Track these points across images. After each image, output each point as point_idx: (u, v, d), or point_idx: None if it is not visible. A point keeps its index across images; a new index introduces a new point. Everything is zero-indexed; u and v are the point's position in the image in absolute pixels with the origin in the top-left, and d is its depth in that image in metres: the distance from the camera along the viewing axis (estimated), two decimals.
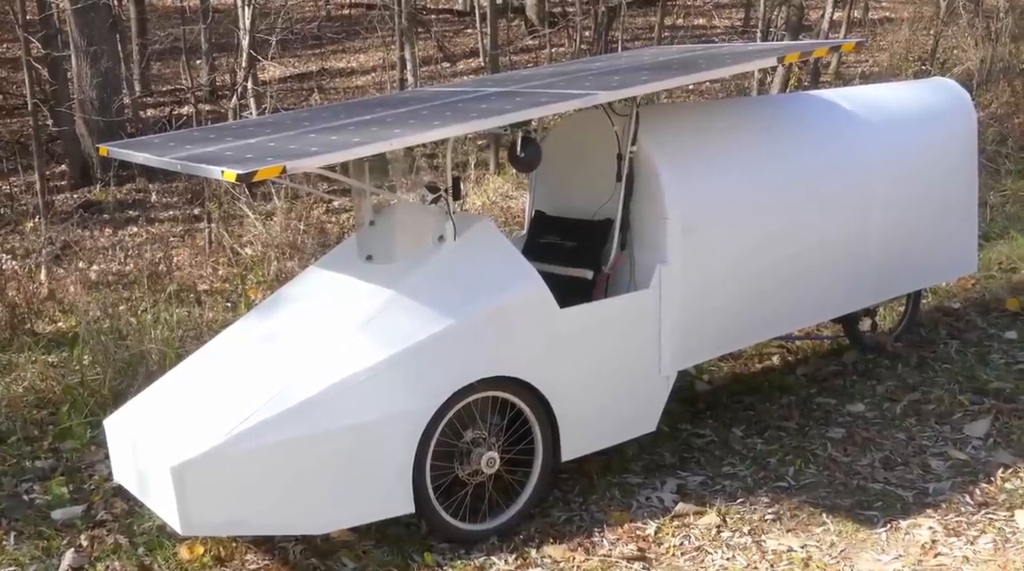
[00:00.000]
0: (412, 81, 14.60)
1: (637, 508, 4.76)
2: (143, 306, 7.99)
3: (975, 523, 4.47)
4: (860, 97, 5.87)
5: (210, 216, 10.63)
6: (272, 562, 4.40)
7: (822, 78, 15.51)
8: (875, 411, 5.60)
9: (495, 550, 4.45)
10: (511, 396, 4.54)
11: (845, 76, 15.90)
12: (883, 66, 16.12)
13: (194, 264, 10.12)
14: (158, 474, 4.01)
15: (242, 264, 9.60)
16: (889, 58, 16.29)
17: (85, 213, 12.26)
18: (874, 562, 4.24)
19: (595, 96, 4.40)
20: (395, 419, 4.21)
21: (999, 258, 7.71)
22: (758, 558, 4.31)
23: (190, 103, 16.02)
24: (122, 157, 4.61)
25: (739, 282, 5.13)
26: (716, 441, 5.39)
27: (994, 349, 6.26)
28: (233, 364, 4.49)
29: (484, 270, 4.51)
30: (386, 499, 4.27)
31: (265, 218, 10.57)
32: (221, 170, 3.72)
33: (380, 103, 5.18)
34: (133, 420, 4.42)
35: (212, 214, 10.70)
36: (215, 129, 5.10)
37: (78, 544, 4.60)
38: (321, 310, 4.59)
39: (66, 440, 5.67)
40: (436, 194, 4.48)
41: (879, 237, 5.69)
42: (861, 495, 4.78)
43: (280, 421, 4.01)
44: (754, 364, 6.39)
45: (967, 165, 6.16)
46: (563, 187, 5.42)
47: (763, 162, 5.26)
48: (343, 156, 3.87)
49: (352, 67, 19.81)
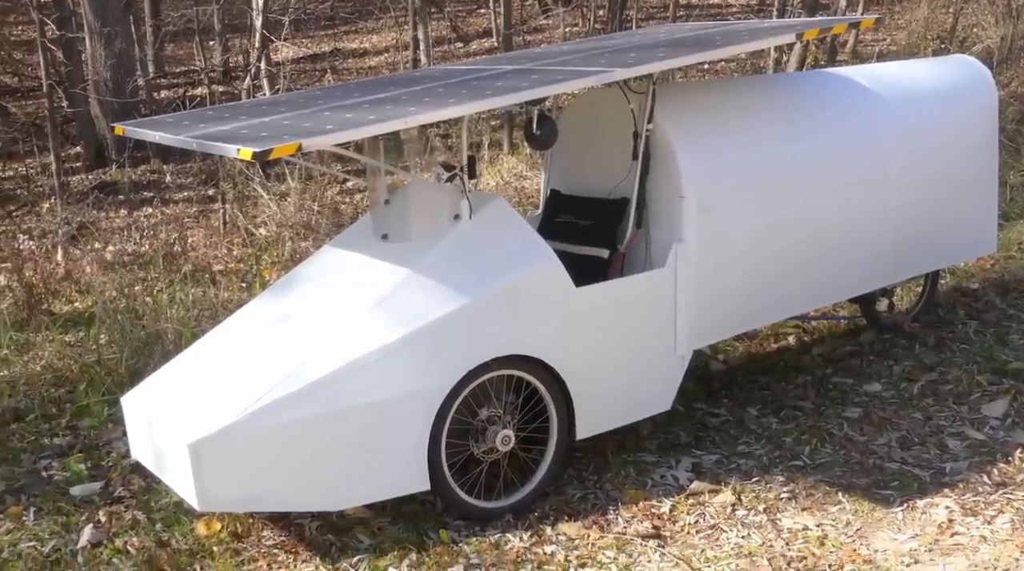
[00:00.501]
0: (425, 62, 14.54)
1: (652, 486, 4.76)
2: (158, 286, 8.02)
3: (992, 503, 4.45)
4: (878, 75, 5.82)
5: (224, 197, 10.64)
6: (288, 538, 4.41)
7: (839, 57, 15.42)
8: (892, 391, 5.58)
9: (510, 527, 4.45)
10: (526, 375, 4.54)
11: (862, 55, 15.80)
12: (901, 44, 16.02)
13: (209, 245, 10.14)
14: (175, 451, 4.03)
15: (256, 245, 9.62)
16: (907, 36, 16.19)
17: (100, 194, 12.29)
18: (890, 541, 4.23)
19: (611, 73, 4.38)
20: (410, 397, 4.21)
21: (1019, 238, 7.65)
22: (773, 536, 4.31)
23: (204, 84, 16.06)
24: (137, 136, 4.61)
25: (755, 261, 5.10)
26: (731, 420, 5.38)
27: (1013, 330, 6.22)
28: (249, 343, 4.50)
29: (499, 249, 4.50)
30: (401, 476, 4.28)
31: (279, 199, 10.57)
32: (237, 148, 3.72)
33: (393, 82, 5.16)
34: (150, 398, 4.44)
35: (226, 195, 10.71)
36: (229, 108, 5.10)
37: (96, 520, 4.63)
38: (336, 289, 4.59)
39: (84, 418, 5.70)
40: (452, 173, 4.47)
41: (896, 216, 5.65)
42: (877, 474, 4.76)
43: (295, 399, 4.02)
44: (770, 344, 6.36)
45: (987, 143, 6.10)
46: (578, 165, 5.40)
47: (780, 141, 5.22)
48: (358, 134, 3.86)
49: (365, 48, 19.77)
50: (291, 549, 4.34)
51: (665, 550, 4.25)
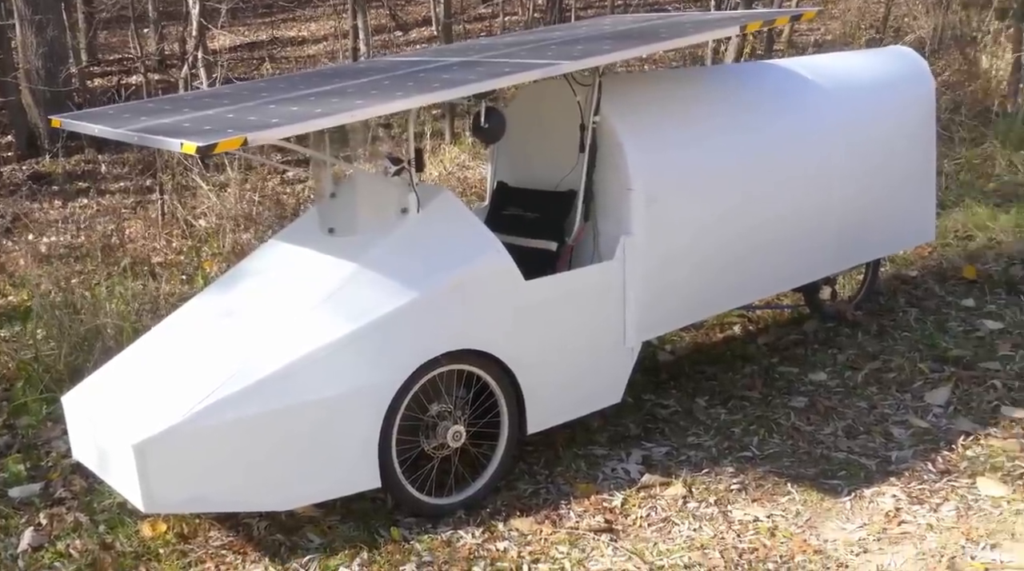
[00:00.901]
0: (364, 50, 14.39)
1: (603, 480, 4.76)
2: (96, 280, 7.86)
3: (938, 490, 4.51)
4: (820, 66, 5.86)
5: (162, 187, 10.46)
6: (236, 538, 4.35)
7: (775, 47, 15.54)
8: (837, 380, 5.63)
9: (462, 523, 4.42)
10: (476, 369, 4.50)
11: (798, 44, 15.93)
12: (836, 34, 16.18)
13: (147, 236, 9.96)
14: (119, 452, 3.94)
15: (196, 236, 9.46)
16: (842, 26, 16.35)
17: (34, 185, 12.03)
18: (839, 530, 4.27)
19: (558, 66, 4.35)
20: (359, 394, 4.16)
21: (955, 226, 7.76)
22: (725, 528, 4.33)
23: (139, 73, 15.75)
24: (76, 129, 4.49)
25: (703, 253, 5.11)
26: (680, 411, 5.39)
27: (952, 317, 6.31)
28: (193, 339, 4.42)
29: (448, 242, 4.46)
30: (351, 474, 4.23)
31: (219, 189, 10.41)
32: (180, 142, 3.64)
33: (338, 73, 5.09)
34: (92, 397, 4.33)
35: (164, 185, 10.53)
36: (171, 100, 4.99)
37: (37, 523, 4.53)
38: (282, 284, 4.52)
39: (21, 416, 5.57)
40: (399, 166, 4.42)
41: (839, 206, 5.70)
42: (825, 464, 4.80)
43: (241, 397, 3.95)
44: (715, 333, 6.40)
45: (926, 133, 6.17)
46: (525, 158, 5.37)
47: (726, 132, 5.23)
48: (304, 127, 3.79)
49: (303, 36, 19.55)
50: (239, 550, 4.27)
51: (618, 544, 4.25)
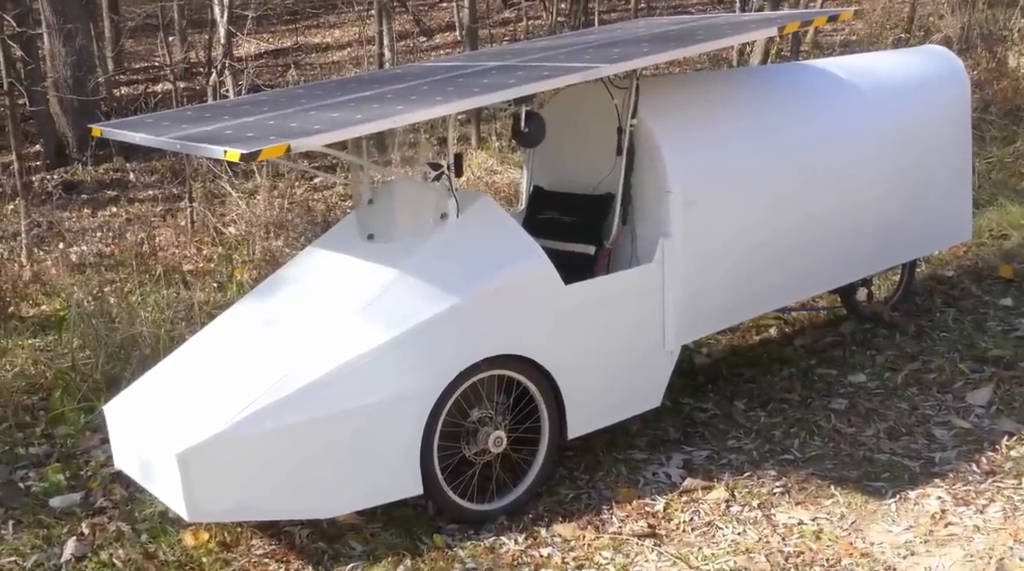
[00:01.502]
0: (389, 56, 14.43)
1: (644, 484, 4.73)
2: (129, 288, 7.89)
3: (983, 492, 4.47)
4: (854, 66, 5.82)
5: (192, 195, 10.50)
6: (279, 547, 4.34)
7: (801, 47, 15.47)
8: (876, 381, 5.59)
9: (505, 530, 4.41)
10: (517, 374, 4.49)
11: (823, 45, 15.86)
12: (861, 34, 16.09)
13: (177, 245, 10.00)
14: (162, 461, 3.95)
15: (226, 244, 9.49)
16: (866, 26, 16.27)
17: (64, 194, 12.10)
18: (885, 533, 4.24)
19: (598, 69, 4.33)
20: (400, 400, 4.15)
21: (989, 225, 7.70)
22: (769, 532, 4.30)
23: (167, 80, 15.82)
24: (118, 137, 4.50)
25: (740, 255, 5.09)
26: (719, 415, 5.36)
27: (990, 316, 6.26)
28: (234, 348, 4.42)
29: (487, 247, 4.45)
30: (393, 481, 4.22)
31: (248, 196, 10.45)
32: (224, 150, 3.64)
33: (375, 79, 5.09)
34: (134, 406, 4.34)
35: (194, 193, 10.57)
36: (210, 107, 5.00)
37: (79, 532, 4.53)
38: (322, 291, 4.52)
39: (59, 426, 5.58)
40: (439, 171, 4.41)
41: (875, 206, 5.66)
42: (868, 466, 4.77)
43: (284, 406, 3.95)
44: (751, 336, 6.36)
45: (961, 132, 6.13)
46: (561, 162, 5.36)
47: (762, 133, 5.20)
48: (348, 133, 3.79)
49: (328, 42, 19.60)
50: (282, 558, 4.27)
51: (662, 549, 4.23)
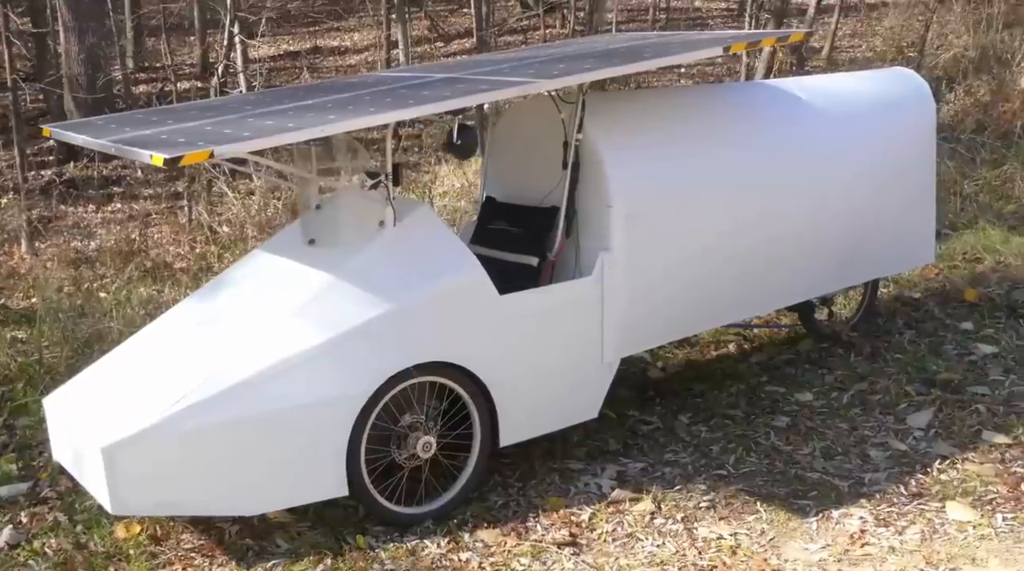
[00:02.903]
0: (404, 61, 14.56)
1: (575, 494, 4.80)
2: (116, 284, 8.04)
3: (906, 513, 4.50)
4: (816, 86, 5.86)
5: (190, 194, 10.67)
6: (207, 541, 4.44)
7: (813, 63, 15.46)
8: (822, 400, 5.62)
9: (429, 533, 4.49)
10: (448, 381, 4.57)
11: (837, 61, 15.85)
12: (878, 51, 16.06)
13: (173, 242, 10.17)
14: (90, 454, 4.06)
15: (219, 242, 9.64)
16: (883, 43, 16.24)
17: (70, 189, 12.30)
18: (801, 550, 4.28)
19: (534, 84, 4.41)
20: (328, 403, 4.24)
21: (964, 248, 7.68)
22: (687, 545, 4.35)
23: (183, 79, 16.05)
24: (63, 138, 4.63)
25: (685, 271, 5.13)
26: (661, 428, 5.41)
27: (948, 340, 6.26)
28: (170, 346, 4.53)
29: (423, 256, 4.53)
30: (319, 482, 4.31)
31: (244, 197, 10.61)
32: (150, 154, 3.75)
33: (325, 88, 5.19)
34: (71, 399, 4.46)
35: (193, 192, 10.74)
36: (161, 111, 5.12)
37: (18, 521, 4.65)
38: (260, 293, 4.62)
39: (20, 417, 5.71)
40: (376, 180, 4.50)
41: (832, 227, 5.68)
42: (797, 484, 4.81)
43: (211, 403, 4.05)
44: (710, 351, 6.40)
45: (925, 155, 6.13)
46: (513, 173, 5.43)
47: (710, 151, 5.24)
48: (271, 141, 3.88)
49: (346, 46, 19.76)
50: (208, 553, 4.37)
51: (580, 558, 4.29)
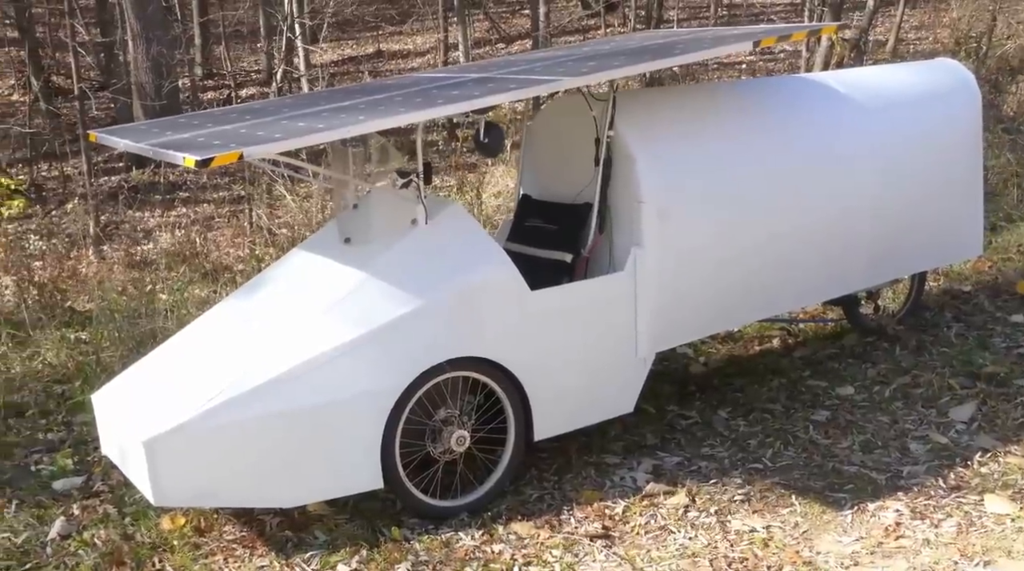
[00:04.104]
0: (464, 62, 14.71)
1: (610, 487, 4.84)
2: (177, 285, 8.26)
3: (943, 506, 4.46)
4: (856, 79, 5.82)
5: (250, 198, 10.90)
6: (248, 533, 4.56)
7: (879, 56, 15.29)
8: (864, 394, 5.58)
9: (463, 526, 4.56)
10: (482, 376, 4.63)
11: (901, 53, 15.66)
12: (944, 42, 15.82)
13: (233, 244, 10.40)
14: (133, 447, 4.20)
15: (278, 245, 9.83)
16: (951, 34, 15.99)
17: (136, 194, 12.64)
18: (835, 543, 4.27)
19: (559, 82, 4.45)
20: (362, 397, 4.34)
21: (1019, 241, 7.55)
22: (720, 538, 4.36)
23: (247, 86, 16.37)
24: (107, 143, 4.80)
25: (717, 265, 5.13)
26: (700, 422, 5.43)
27: (997, 333, 6.18)
28: (211, 342, 4.66)
29: (454, 252, 4.61)
30: (354, 475, 4.40)
31: (304, 199, 10.81)
32: (183, 156, 3.88)
33: (362, 90, 5.29)
34: (117, 394, 4.62)
35: (252, 196, 10.97)
36: (202, 115, 5.26)
37: (70, 513, 4.82)
38: (297, 290, 4.73)
39: (77, 414, 5.91)
40: (407, 178, 4.59)
41: (870, 220, 5.63)
42: (834, 477, 4.79)
43: (248, 398, 4.16)
44: (753, 346, 6.39)
45: (971, 146, 6.06)
46: (547, 171, 5.49)
47: (743, 145, 5.23)
48: (300, 142, 3.98)
49: (408, 49, 19.97)
50: (249, 544, 4.49)
51: (611, 550, 4.33)
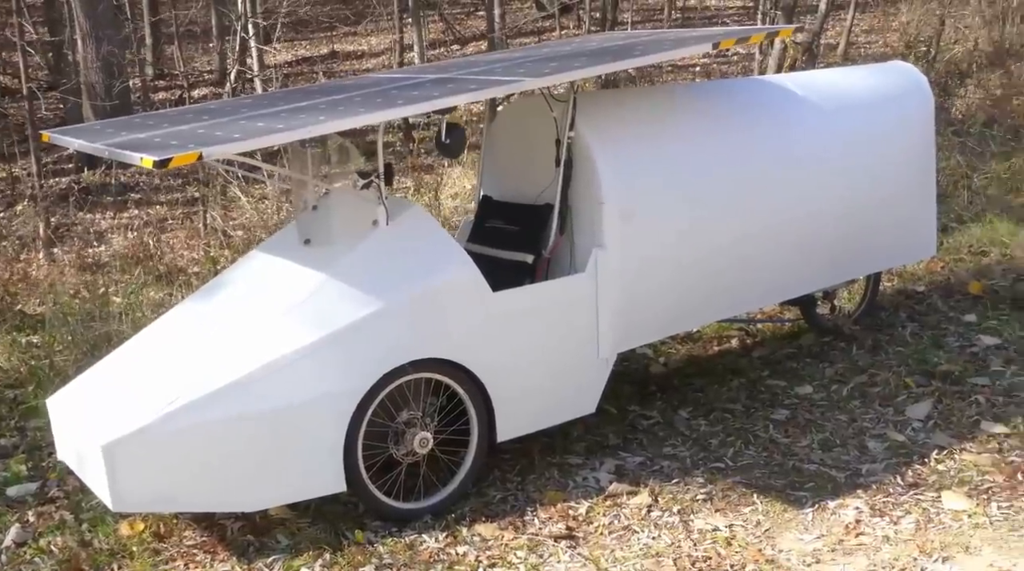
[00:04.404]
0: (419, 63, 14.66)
1: (573, 488, 4.84)
2: (130, 288, 8.15)
3: (901, 503, 4.52)
4: (812, 81, 5.87)
5: (204, 199, 10.79)
6: (209, 538, 4.51)
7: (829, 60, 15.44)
8: (822, 393, 5.64)
9: (427, 528, 4.54)
10: (444, 378, 4.62)
11: (852, 57, 15.82)
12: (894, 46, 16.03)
13: (188, 246, 10.29)
14: (91, 452, 4.13)
15: (232, 246, 9.73)
16: (900, 38, 16.20)
17: (87, 196, 12.45)
18: (796, 541, 4.30)
19: (521, 83, 4.45)
20: (323, 400, 4.30)
21: (970, 241, 7.67)
22: (683, 537, 4.38)
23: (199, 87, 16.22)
24: (60, 143, 4.73)
25: (678, 266, 5.16)
26: (661, 422, 5.45)
27: (950, 332, 6.26)
28: (169, 344, 4.60)
29: (415, 254, 4.58)
30: (317, 478, 4.37)
31: (258, 201, 10.72)
32: (140, 157, 3.83)
33: (321, 90, 5.25)
34: (73, 399, 4.55)
35: (207, 197, 10.86)
36: (158, 115, 5.20)
37: (25, 520, 4.74)
38: (256, 292, 4.69)
39: (31, 419, 5.81)
40: (367, 179, 4.56)
41: (829, 220, 5.69)
42: (795, 476, 4.83)
43: (208, 401, 4.12)
44: (712, 346, 6.43)
45: (924, 148, 6.14)
46: (508, 172, 5.48)
47: (704, 146, 5.27)
48: (259, 143, 3.94)
49: (362, 50, 19.89)
50: (210, 549, 4.44)
51: (576, 551, 4.33)
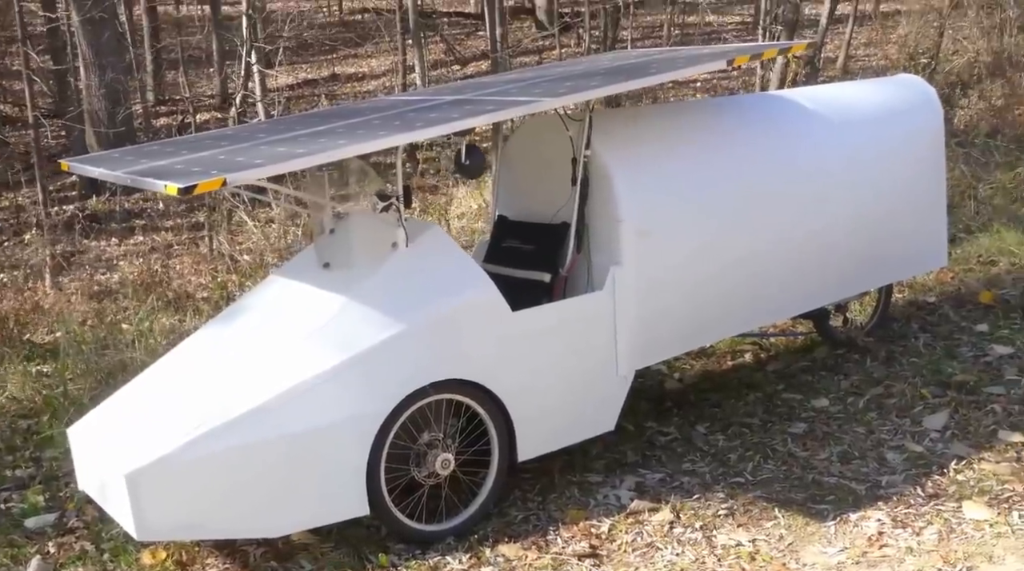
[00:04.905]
0: (420, 85, 14.71)
1: (594, 506, 4.84)
2: (140, 314, 8.15)
3: (923, 514, 4.52)
4: (822, 96, 5.91)
5: (211, 224, 10.82)
6: (232, 565, 4.50)
7: (828, 73, 15.51)
8: (839, 406, 5.65)
9: (450, 550, 4.53)
10: (465, 398, 4.62)
11: (852, 70, 15.89)
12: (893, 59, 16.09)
13: (195, 272, 10.30)
14: (114, 481, 4.13)
15: (240, 271, 9.75)
16: (899, 51, 16.27)
17: (92, 223, 12.49)
18: (819, 554, 4.30)
19: (539, 103, 4.48)
20: (346, 424, 4.31)
21: (979, 251, 7.70)
22: (707, 552, 4.38)
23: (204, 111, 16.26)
24: (80, 172, 4.75)
25: (695, 282, 5.18)
26: (679, 438, 5.45)
27: (963, 342, 6.28)
28: (190, 371, 4.61)
29: (435, 275, 4.60)
30: (340, 502, 4.36)
31: (265, 225, 10.75)
32: (164, 184, 3.84)
33: (337, 114, 5.28)
34: (94, 428, 4.55)
35: (213, 222, 10.88)
36: (176, 142, 5.23)
37: (46, 551, 4.73)
38: (276, 317, 4.70)
39: (47, 449, 5.80)
40: (387, 202, 4.57)
41: (841, 235, 5.72)
42: (815, 489, 4.83)
43: (230, 428, 4.12)
44: (726, 361, 6.44)
45: (934, 160, 6.17)
46: (524, 191, 5.50)
47: (718, 163, 5.30)
48: (282, 167, 3.97)
49: (364, 72, 19.97)
50: None
51: (600, 569, 4.33)
